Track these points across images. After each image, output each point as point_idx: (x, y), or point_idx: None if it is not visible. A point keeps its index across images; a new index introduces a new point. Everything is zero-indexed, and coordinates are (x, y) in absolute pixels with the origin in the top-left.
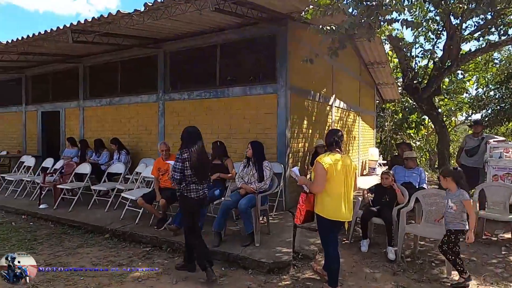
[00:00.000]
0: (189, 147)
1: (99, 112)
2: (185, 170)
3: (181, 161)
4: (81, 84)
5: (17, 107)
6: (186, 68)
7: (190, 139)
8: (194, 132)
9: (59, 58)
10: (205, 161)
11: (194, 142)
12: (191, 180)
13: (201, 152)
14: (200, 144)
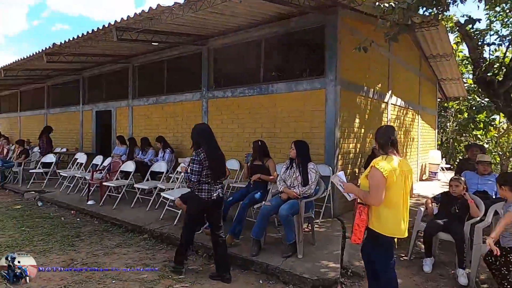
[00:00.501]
0: (204, 146)
1: (146, 110)
2: (203, 170)
3: (198, 162)
4: (130, 84)
5: (75, 106)
6: (230, 65)
7: (204, 137)
8: (206, 130)
9: (110, 59)
10: (220, 161)
11: (208, 141)
12: (204, 181)
13: (216, 151)
14: (214, 142)
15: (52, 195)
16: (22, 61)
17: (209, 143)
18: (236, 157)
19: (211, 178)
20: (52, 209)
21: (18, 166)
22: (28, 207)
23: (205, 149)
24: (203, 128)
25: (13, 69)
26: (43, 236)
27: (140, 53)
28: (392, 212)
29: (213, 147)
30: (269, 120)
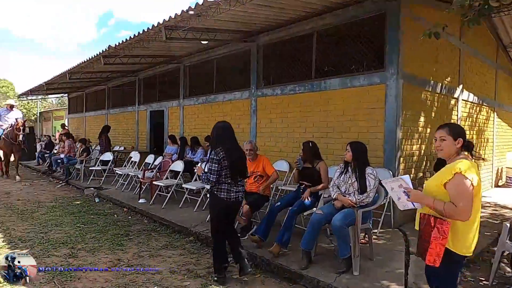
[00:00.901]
0: (224, 145)
1: (196, 110)
2: (222, 170)
3: (217, 161)
4: (182, 84)
5: (132, 107)
6: (280, 61)
7: (224, 136)
8: (227, 128)
9: (162, 60)
10: (241, 161)
11: (228, 139)
12: (224, 181)
13: (236, 150)
14: (234, 141)
15: (108, 192)
16: (83, 64)
17: (229, 142)
18: (286, 158)
19: (230, 179)
20: (107, 205)
21: (80, 163)
22: (86, 203)
23: (225, 148)
24: (223, 126)
25: (76, 72)
26: (95, 234)
27: (190, 53)
28: (469, 227)
29: (233, 146)
30: (321, 119)
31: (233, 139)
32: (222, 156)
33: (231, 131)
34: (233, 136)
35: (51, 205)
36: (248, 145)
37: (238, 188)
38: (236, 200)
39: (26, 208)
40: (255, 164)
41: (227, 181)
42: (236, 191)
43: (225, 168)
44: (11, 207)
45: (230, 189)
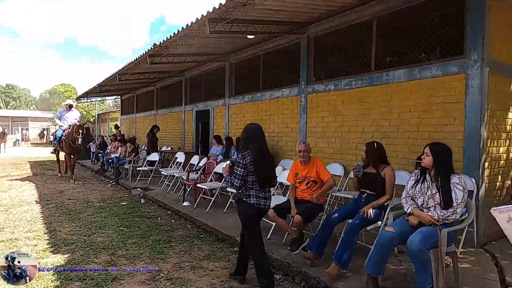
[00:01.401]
0: (251, 148)
1: (242, 109)
2: (248, 175)
3: (243, 166)
4: (227, 82)
5: (178, 107)
6: (333, 53)
7: (252, 138)
8: (256, 130)
9: (208, 58)
10: (269, 165)
11: (256, 143)
12: (251, 187)
13: (265, 154)
14: (264, 144)
15: (154, 193)
16: (131, 65)
17: (257, 145)
18: (340, 161)
19: (258, 184)
20: (152, 207)
21: (128, 163)
22: (132, 204)
23: (252, 152)
24: (253, 128)
25: (125, 73)
26: (137, 239)
27: (235, 49)
28: None
29: (262, 150)
30: (382, 117)
31: (263, 142)
32: (248, 161)
33: (261, 134)
34: (263, 139)
35: (99, 205)
36: (301, 146)
37: (266, 194)
38: (265, 208)
39: (75, 208)
40: (308, 168)
41: (255, 186)
42: (265, 197)
43: (251, 173)
44: (61, 206)
45: (259, 194)
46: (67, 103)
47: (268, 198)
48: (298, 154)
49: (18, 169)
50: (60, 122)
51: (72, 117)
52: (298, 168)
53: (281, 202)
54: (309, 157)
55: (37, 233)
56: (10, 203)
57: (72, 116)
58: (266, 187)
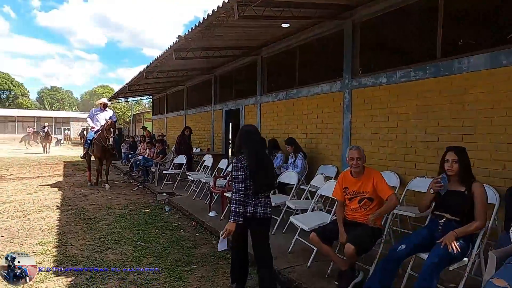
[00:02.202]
0: (246, 152)
1: (275, 107)
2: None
3: (242, 169)
4: (259, 78)
5: (208, 106)
6: (385, 40)
7: (246, 140)
8: (250, 132)
9: (238, 52)
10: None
11: (250, 145)
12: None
13: (261, 157)
14: (260, 148)
15: (179, 199)
16: (156, 62)
17: (252, 149)
18: (394, 169)
19: (253, 191)
20: (176, 216)
21: (155, 165)
22: (155, 211)
23: (248, 156)
24: (247, 130)
25: (151, 71)
26: (154, 258)
27: (268, 41)
28: None
29: (257, 154)
30: (451, 115)
31: (258, 145)
32: (245, 164)
33: (255, 135)
34: (257, 141)
35: (120, 213)
36: (353, 152)
37: (257, 200)
38: (253, 216)
39: (94, 216)
40: (362, 181)
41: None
42: (255, 204)
43: (248, 178)
44: (81, 213)
45: (247, 201)
46: (101, 102)
47: (260, 204)
48: (350, 163)
49: (52, 169)
50: (91, 123)
51: (106, 118)
52: (348, 181)
53: (324, 221)
54: (363, 167)
55: (46, 246)
56: (30, 208)
57: (106, 116)
58: (262, 192)
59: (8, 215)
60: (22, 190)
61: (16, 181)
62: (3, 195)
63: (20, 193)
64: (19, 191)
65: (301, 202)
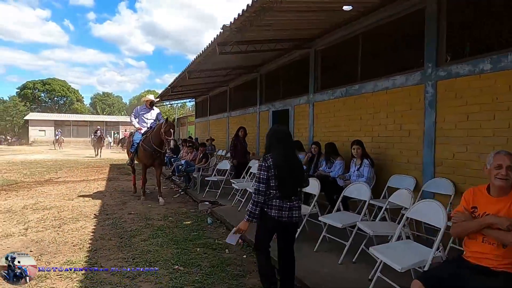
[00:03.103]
0: (273, 151)
1: (332, 106)
2: (270, 180)
3: (266, 169)
4: (312, 74)
5: (253, 108)
6: (486, 16)
7: (276, 141)
8: (281, 132)
9: (288, 45)
10: (295, 170)
11: (281, 145)
12: (274, 194)
13: (290, 158)
14: (289, 148)
15: (223, 210)
16: (199, 59)
17: (280, 149)
18: None
19: (280, 191)
20: (220, 230)
21: (197, 171)
22: (197, 223)
23: (276, 156)
24: (276, 130)
25: (194, 70)
26: None
27: (323, 30)
28: None
29: (284, 154)
30: None
31: (288, 145)
32: (270, 163)
33: (284, 136)
34: (287, 142)
35: (159, 224)
36: (504, 158)
37: (292, 204)
38: (289, 221)
39: (130, 228)
40: (506, 202)
41: (277, 194)
42: (290, 208)
43: (273, 178)
44: (117, 224)
45: (282, 205)
46: (147, 99)
47: (295, 208)
48: (492, 174)
49: (97, 173)
50: (136, 123)
51: (152, 117)
52: (481, 199)
53: (424, 259)
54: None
55: (74, 266)
56: (67, 216)
57: (152, 116)
58: (291, 195)
59: (44, 224)
60: (65, 195)
61: (62, 184)
62: (46, 200)
63: (62, 198)
64: (61, 196)
65: (377, 225)
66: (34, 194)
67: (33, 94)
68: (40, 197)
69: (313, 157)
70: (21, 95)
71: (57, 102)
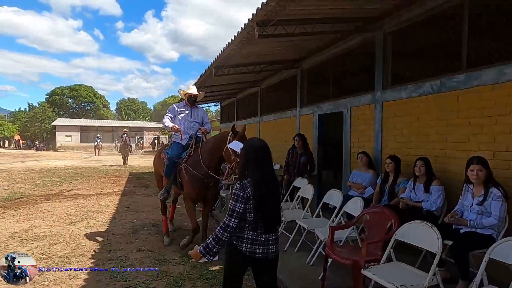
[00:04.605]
0: (252, 176)
1: (415, 107)
2: (247, 214)
3: (244, 200)
4: (379, 65)
5: (291, 111)
6: None
7: (255, 162)
8: (261, 150)
9: (341, 27)
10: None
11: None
12: (248, 226)
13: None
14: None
15: None
16: (230, 48)
17: (259, 171)
18: None
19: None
20: None
21: (225, 188)
22: None
23: (254, 182)
24: (254, 147)
25: (221, 65)
26: None
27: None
28: None
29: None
30: None
31: (268, 168)
32: (250, 194)
33: (267, 154)
34: (269, 162)
35: (176, 272)
36: None
37: (268, 237)
38: (265, 257)
39: (137, 281)
40: None
41: (251, 227)
42: (265, 242)
43: (251, 210)
44: (119, 273)
45: (257, 238)
46: (189, 93)
47: (271, 242)
48: None
49: (113, 184)
50: (170, 127)
51: (196, 120)
52: None
53: None
54: None
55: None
56: (58, 254)
57: (196, 118)
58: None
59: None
60: (68, 216)
61: (70, 200)
62: (43, 224)
63: (63, 221)
64: (64, 217)
65: None
66: (34, 214)
67: (61, 100)
68: (39, 218)
69: (387, 177)
70: (50, 101)
71: (84, 108)
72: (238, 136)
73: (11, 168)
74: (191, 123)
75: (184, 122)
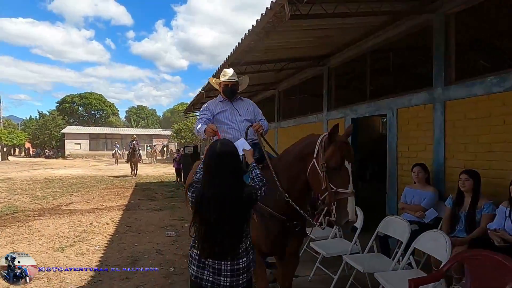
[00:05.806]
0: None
1: (497, 107)
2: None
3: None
4: (439, 56)
5: (315, 115)
6: None
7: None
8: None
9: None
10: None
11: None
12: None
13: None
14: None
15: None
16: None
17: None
18: None
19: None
20: None
21: None
22: None
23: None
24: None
25: (237, 62)
26: None
27: None
28: None
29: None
30: None
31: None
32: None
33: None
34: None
35: None
36: None
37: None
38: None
39: None
40: None
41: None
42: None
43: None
44: None
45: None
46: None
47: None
48: None
49: (117, 196)
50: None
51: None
52: None
53: None
54: None
55: None
56: None
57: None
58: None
59: None
60: (59, 239)
61: (67, 216)
62: (27, 249)
63: (51, 246)
64: (53, 239)
65: None
66: (21, 235)
67: (71, 108)
68: (24, 241)
69: (461, 198)
70: (60, 109)
71: (94, 115)
72: (337, 141)
73: (16, 177)
74: (242, 123)
75: (232, 124)
